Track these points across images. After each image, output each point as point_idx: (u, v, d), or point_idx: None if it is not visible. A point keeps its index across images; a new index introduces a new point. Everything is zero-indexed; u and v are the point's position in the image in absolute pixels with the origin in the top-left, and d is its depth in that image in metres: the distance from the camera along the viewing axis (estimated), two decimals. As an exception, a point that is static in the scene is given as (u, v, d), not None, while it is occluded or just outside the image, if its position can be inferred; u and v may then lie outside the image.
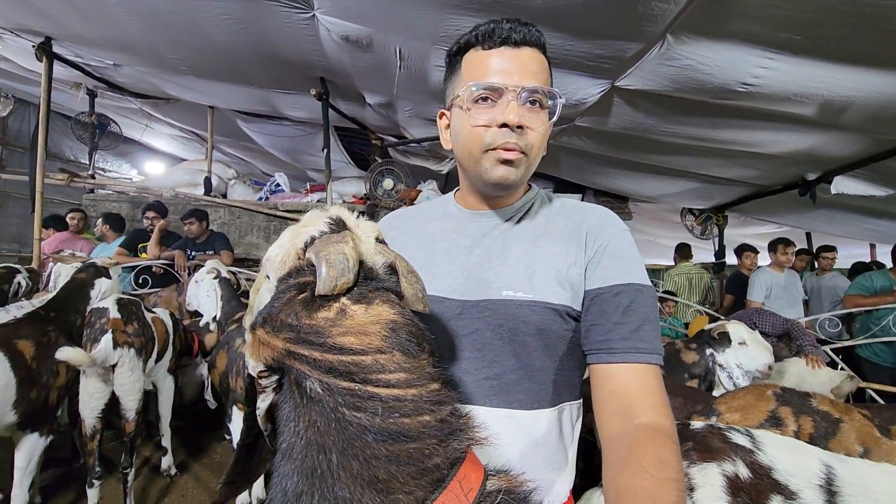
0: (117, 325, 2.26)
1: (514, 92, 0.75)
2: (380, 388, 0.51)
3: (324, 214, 0.64)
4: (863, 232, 5.31)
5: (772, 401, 1.50)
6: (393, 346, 0.54)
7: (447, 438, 0.53)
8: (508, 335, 0.77)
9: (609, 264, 0.78)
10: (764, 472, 1.04)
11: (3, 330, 2.07)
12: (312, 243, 0.59)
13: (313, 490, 0.49)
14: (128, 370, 2.24)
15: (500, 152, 0.77)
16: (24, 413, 2.01)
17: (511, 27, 0.78)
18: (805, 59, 2.23)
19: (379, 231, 0.66)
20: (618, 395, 0.72)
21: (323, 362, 0.51)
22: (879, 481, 1.02)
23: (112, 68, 4.78)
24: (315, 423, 0.51)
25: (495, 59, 0.78)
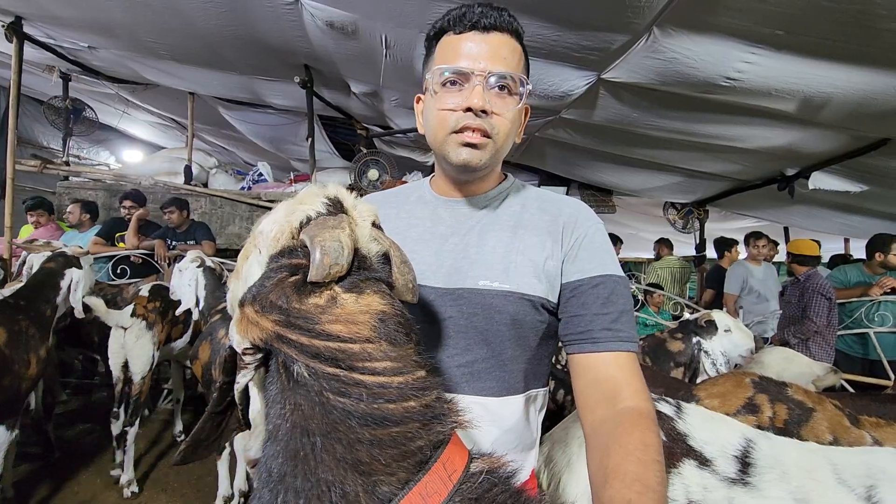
0: (141, 301, 2.84)
1: (480, 76, 0.75)
2: (365, 375, 0.52)
3: (321, 193, 0.63)
4: (838, 227, 5.46)
5: (749, 388, 1.53)
6: (381, 336, 0.54)
7: (431, 422, 0.53)
8: (482, 324, 0.78)
9: (586, 257, 0.80)
10: (679, 438, 1.12)
11: None
12: (308, 224, 0.58)
13: (296, 472, 0.49)
14: (134, 336, 2.70)
15: (464, 135, 0.77)
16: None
17: (482, 11, 0.77)
18: (787, 55, 2.26)
19: (376, 215, 0.65)
20: (601, 383, 0.74)
21: (310, 347, 0.51)
22: (794, 456, 1.09)
23: (87, 51, 4.61)
24: (300, 406, 0.51)
25: (465, 44, 0.78)
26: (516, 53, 0.80)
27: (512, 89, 0.78)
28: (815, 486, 1.05)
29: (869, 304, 3.70)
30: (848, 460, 1.10)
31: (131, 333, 2.71)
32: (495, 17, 0.78)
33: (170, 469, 2.93)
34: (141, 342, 2.72)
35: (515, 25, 0.80)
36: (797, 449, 1.15)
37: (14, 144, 4.05)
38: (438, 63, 0.79)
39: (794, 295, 3.59)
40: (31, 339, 2.14)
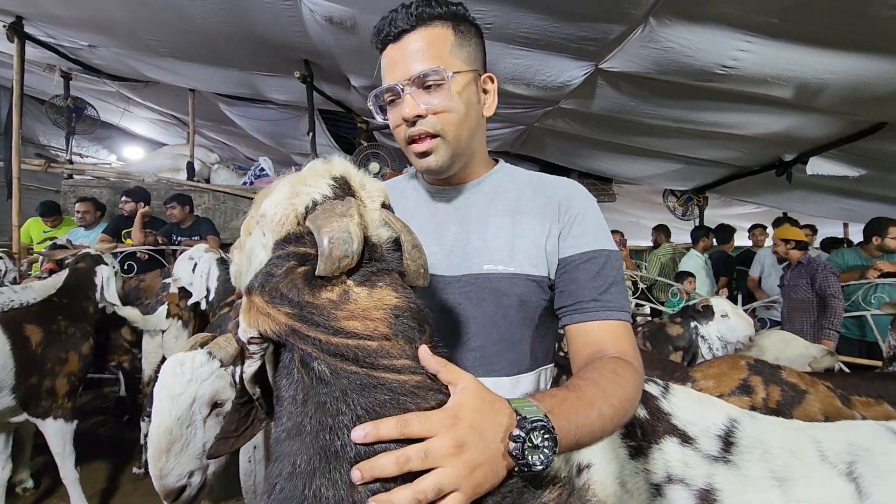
0: (172, 298, 2.75)
1: (404, 86, 0.78)
2: (386, 373, 0.52)
3: (327, 172, 0.61)
4: (836, 211, 5.48)
5: (744, 370, 1.59)
6: (397, 332, 0.54)
7: None
8: (491, 308, 0.81)
9: (579, 233, 0.83)
10: (662, 416, 1.20)
11: (14, 314, 2.15)
12: (314, 209, 0.56)
13: (328, 467, 0.49)
14: (173, 337, 2.71)
15: (414, 146, 0.81)
16: (22, 397, 2.04)
17: (391, 20, 0.78)
18: (782, 43, 2.29)
19: (386, 195, 0.64)
20: (590, 346, 0.79)
21: (328, 345, 0.51)
22: (779, 435, 1.15)
23: (87, 49, 4.64)
24: (324, 404, 0.51)
25: (386, 60, 0.81)
26: (434, 40, 0.78)
27: (438, 81, 0.77)
28: (798, 464, 1.11)
29: (866, 287, 3.74)
30: (832, 437, 1.16)
31: (170, 335, 2.72)
32: (402, 19, 0.77)
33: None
34: (180, 342, 2.72)
35: (424, 13, 0.78)
36: (783, 428, 1.21)
37: (19, 144, 4.10)
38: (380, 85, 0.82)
39: (801, 278, 3.58)
40: (71, 337, 2.28)
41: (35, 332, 2.14)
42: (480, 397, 0.53)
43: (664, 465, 1.22)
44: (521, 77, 3.21)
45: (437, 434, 0.48)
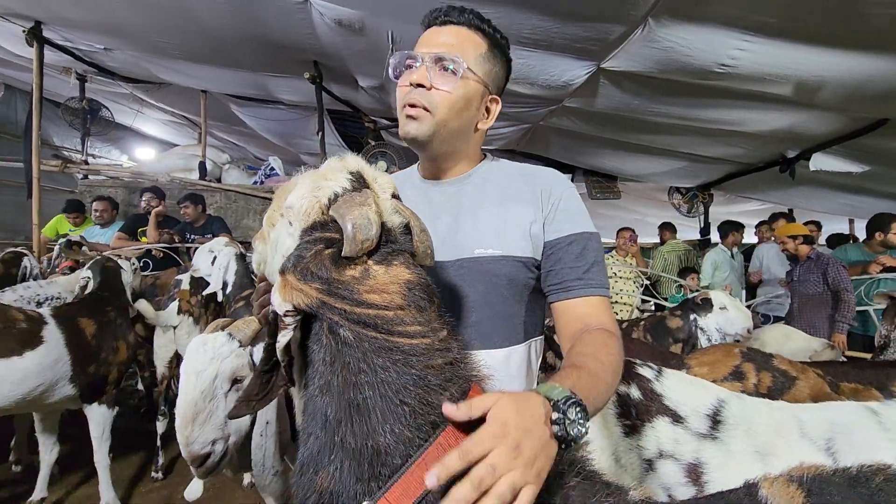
0: (184, 295, 2.80)
1: (424, 57, 0.88)
2: (401, 338, 0.61)
3: (344, 168, 0.69)
4: (842, 207, 5.50)
5: (738, 357, 1.66)
6: (410, 303, 0.63)
7: (456, 377, 0.64)
8: (483, 287, 0.89)
9: (562, 218, 0.92)
10: (655, 397, 1.29)
11: (67, 308, 2.29)
12: (336, 200, 0.64)
13: (350, 417, 0.58)
14: (185, 333, 2.73)
15: (406, 108, 0.88)
16: (83, 386, 2.17)
17: (444, 10, 0.90)
18: (779, 41, 2.35)
19: (394, 186, 0.72)
20: (576, 320, 0.88)
21: (353, 314, 0.59)
22: (764, 414, 1.24)
23: (102, 52, 4.77)
24: (349, 364, 0.59)
25: (423, 37, 0.92)
26: (465, 40, 0.89)
27: (455, 69, 0.87)
28: (780, 440, 1.18)
29: (868, 282, 3.78)
30: (813, 417, 1.24)
31: (181, 330, 2.77)
32: (454, 15, 0.90)
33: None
34: (192, 337, 2.79)
35: (474, 21, 0.91)
36: (768, 408, 1.28)
37: (38, 146, 4.24)
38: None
39: (811, 273, 3.60)
40: (119, 327, 2.44)
41: (89, 324, 2.27)
42: (515, 401, 0.59)
43: (656, 442, 1.30)
44: (525, 77, 3.29)
45: (495, 447, 0.54)
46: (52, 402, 2.11)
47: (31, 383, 1.97)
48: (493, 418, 0.57)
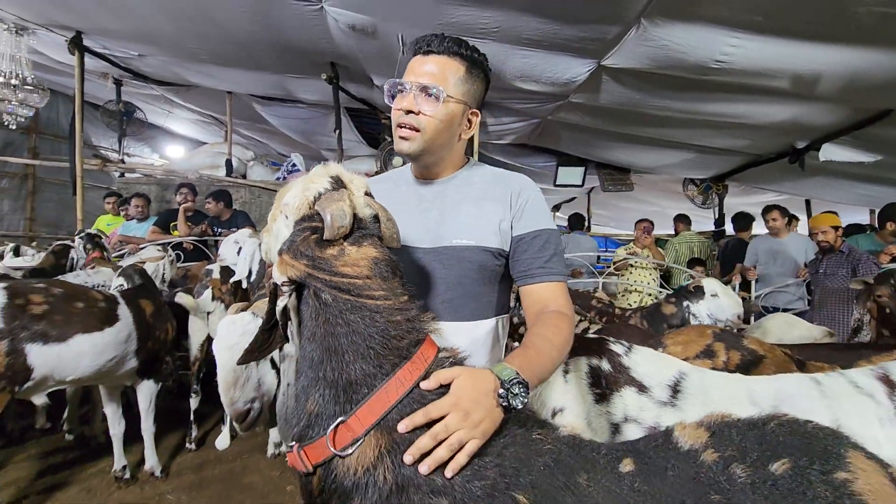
0: (216, 283, 3.06)
1: (410, 86, 1.03)
2: (368, 300, 0.81)
3: (326, 173, 0.87)
4: (859, 198, 5.43)
5: (710, 337, 1.79)
6: (376, 274, 0.82)
7: (412, 330, 0.83)
8: (457, 270, 1.07)
9: (528, 217, 1.11)
10: (623, 370, 1.44)
11: (130, 292, 2.60)
12: (319, 198, 0.83)
13: (330, 358, 0.79)
14: (217, 318, 2.92)
15: (399, 130, 1.06)
16: (142, 360, 2.46)
17: (428, 41, 1.05)
18: (769, 38, 2.43)
19: (367, 186, 0.91)
20: (538, 302, 1.07)
21: (331, 282, 0.79)
22: (718, 385, 1.38)
23: (137, 58, 5.10)
24: (328, 319, 0.79)
25: (411, 64, 1.07)
26: (447, 69, 1.04)
27: (438, 95, 1.02)
28: (731, 407, 1.32)
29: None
30: (763, 387, 1.38)
31: (215, 316, 3.01)
32: (436, 44, 1.05)
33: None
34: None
35: (452, 48, 1.05)
36: (724, 380, 1.43)
37: (81, 147, 4.60)
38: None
39: (841, 267, 3.50)
40: (166, 311, 2.73)
41: (148, 305, 2.57)
42: (471, 378, 0.79)
43: (623, 409, 1.46)
44: (530, 75, 3.42)
45: (450, 412, 0.75)
46: (118, 374, 2.40)
47: (108, 355, 2.25)
48: (452, 390, 0.78)
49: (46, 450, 3.04)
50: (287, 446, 0.83)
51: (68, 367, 2.12)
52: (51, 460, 2.91)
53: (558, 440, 0.87)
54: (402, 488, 0.73)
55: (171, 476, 2.78)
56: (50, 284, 2.23)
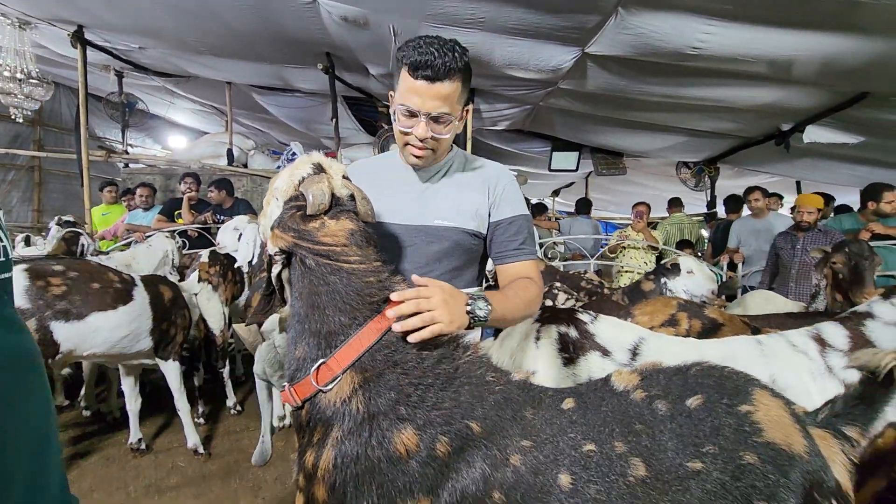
0: (203, 266, 3.27)
1: (425, 116, 1.11)
2: (345, 264, 0.96)
3: (309, 161, 1.03)
4: (849, 178, 5.52)
5: (674, 307, 1.94)
6: (351, 243, 0.97)
7: (383, 289, 0.99)
8: (436, 247, 1.22)
9: (505, 204, 1.26)
10: (588, 336, 1.61)
11: (151, 277, 2.81)
12: (303, 181, 0.98)
13: (314, 313, 0.95)
14: (205, 298, 3.19)
15: (411, 148, 1.18)
16: (156, 340, 2.64)
17: (430, 63, 1.06)
18: (741, 25, 2.54)
19: (345, 170, 1.05)
20: (511, 276, 1.23)
21: (314, 250, 0.96)
22: (673, 348, 1.54)
23: (138, 51, 5.22)
24: (312, 281, 0.97)
25: (416, 90, 1.10)
26: (454, 92, 1.11)
27: (446, 121, 1.14)
28: None
29: (856, 250, 3.90)
30: (712, 348, 1.54)
31: (202, 297, 3.18)
32: (440, 69, 1.07)
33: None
34: (212, 302, 3.24)
35: (456, 65, 1.09)
36: (679, 344, 1.58)
37: (87, 138, 4.74)
38: (399, 98, 1.14)
39: (819, 244, 3.53)
40: (182, 298, 2.91)
41: (167, 291, 2.76)
42: (450, 288, 0.99)
43: (587, 371, 1.62)
44: (518, 62, 3.53)
45: (434, 295, 0.94)
46: (133, 352, 2.58)
47: (121, 332, 2.43)
48: (433, 285, 0.98)
49: (66, 423, 3.25)
50: (280, 387, 0.99)
51: (87, 342, 2.31)
52: (71, 433, 3.12)
53: (510, 383, 1.03)
54: (372, 416, 0.89)
55: (182, 446, 2.99)
56: (67, 266, 2.40)
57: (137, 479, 2.64)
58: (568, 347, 1.66)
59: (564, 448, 0.92)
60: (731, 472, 0.88)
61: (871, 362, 1.04)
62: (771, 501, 0.87)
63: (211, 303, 3.25)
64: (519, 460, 0.91)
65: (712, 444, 0.92)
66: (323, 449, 0.89)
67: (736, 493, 0.87)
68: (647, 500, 0.87)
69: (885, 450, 1.48)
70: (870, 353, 1.06)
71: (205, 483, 2.62)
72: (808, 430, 0.98)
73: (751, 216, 4.57)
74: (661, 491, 0.88)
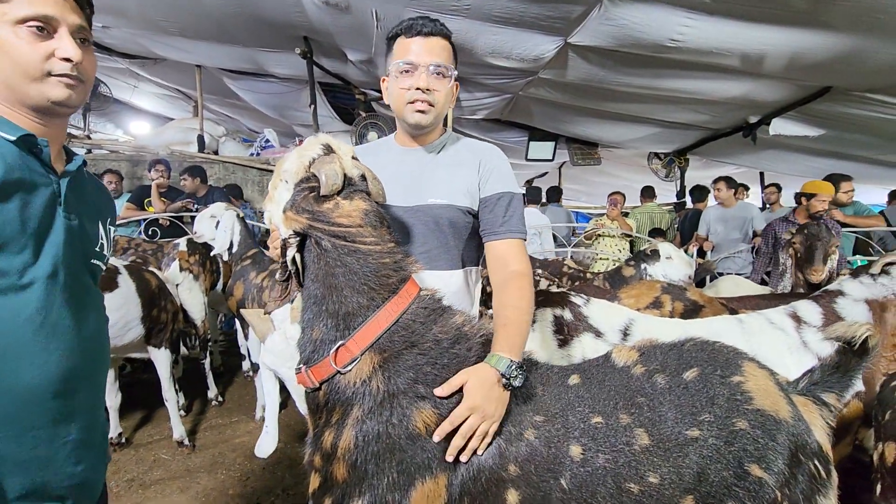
0: (182, 255, 3.15)
1: (424, 66, 1.16)
2: (361, 245, 0.97)
3: (318, 142, 1.02)
4: (808, 170, 5.80)
5: (658, 290, 2.04)
6: (366, 223, 0.97)
7: (398, 270, 1.01)
8: (432, 225, 1.23)
9: (494, 180, 1.27)
10: (582, 318, 1.68)
11: (135, 265, 2.72)
12: (314, 162, 0.98)
13: (331, 294, 0.96)
14: (186, 288, 3.08)
15: (415, 105, 1.18)
16: (148, 327, 2.57)
17: (423, 23, 1.17)
18: (718, 19, 2.63)
19: (353, 151, 1.06)
20: (499, 258, 1.24)
21: (330, 231, 0.96)
22: (660, 328, 1.62)
23: (100, 30, 4.96)
24: (329, 262, 0.97)
25: (413, 45, 1.17)
26: (447, 50, 1.20)
27: (445, 74, 1.18)
28: None
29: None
30: (696, 327, 1.62)
31: (183, 287, 3.08)
32: (432, 27, 1.18)
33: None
34: (193, 292, 3.15)
35: (446, 31, 1.21)
36: (665, 324, 1.66)
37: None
38: (397, 58, 1.19)
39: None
40: (166, 287, 2.84)
41: (153, 277, 2.69)
42: (478, 378, 0.93)
43: (581, 351, 1.68)
44: (500, 51, 3.55)
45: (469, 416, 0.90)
46: (125, 343, 2.50)
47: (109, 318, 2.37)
48: (465, 394, 0.93)
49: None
50: (295, 369, 1.00)
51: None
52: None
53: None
54: (393, 395, 0.91)
55: (164, 439, 2.93)
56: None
57: (118, 474, 2.57)
58: (563, 329, 1.72)
59: (574, 421, 0.97)
60: (725, 438, 0.95)
61: (847, 333, 1.12)
62: (761, 462, 0.95)
63: (192, 293, 3.16)
64: (533, 434, 0.95)
65: (708, 413, 0.98)
66: (343, 429, 0.91)
67: (730, 457, 0.94)
68: (650, 466, 0.93)
69: (850, 418, 1.61)
70: (845, 325, 1.15)
71: (190, 476, 2.57)
72: (791, 398, 1.06)
73: (719, 205, 4.77)
74: (663, 458, 0.94)
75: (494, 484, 0.90)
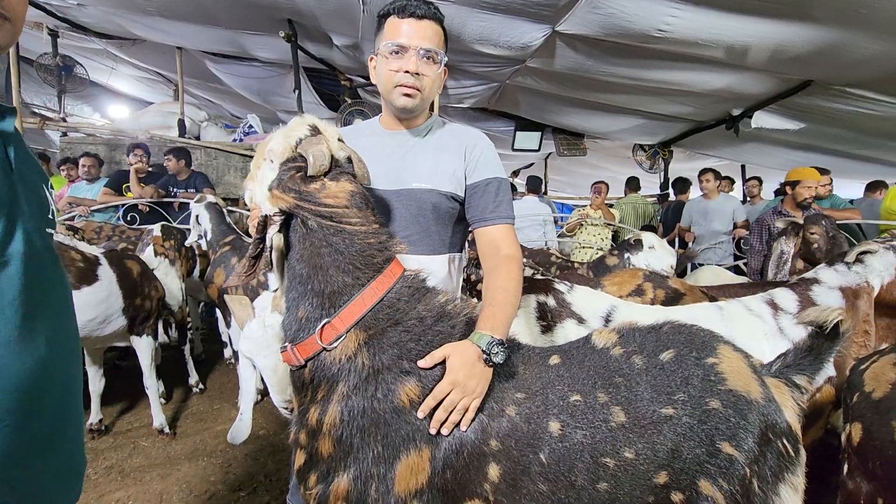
0: (157, 241, 3.16)
1: (415, 50, 1.15)
2: (346, 225, 0.97)
3: (304, 122, 1.02)
4: (787, 163, 5.90)
5: (640, 278, 2.07)
6: (352, 205, 0.98)
7: (383, 250, 1.01)
8: (415, 210, 1.22)
9: (482, 166, 1.27)
10: (565, 305, 1.71)
11: (115, 253, 2.63)
12: (300, 142, 0.98)
13: (316, 273, 0.96)
14: (162, 273, 3.04)
15: (403, 88, 1.17)
16: (131, 318, 2.52)
17: (416, 5, 1.16)
18: (705, 10, 2.65)
19: (339, 133, 1.07)
20: (491, 243, 1.24)
21: (316, 211, 0.96)
22: (642, 314, 1.65)
23: (75, 7, 4.78)
24: (314, 242, 0.97)
25: (404, 27, 1.16)
26: (439, 34, 1.19)
27: (434, 59, 1.18)
28: None
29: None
30: (677, 313, 1.65)
31: (160, 272, 3.04)
32: (426, 9, 1.16)
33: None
34: (169, 277, 3.13)
35: (439, 15, 1.19)
36: (647, 310, 1.69)
37: (20, 103, 4.34)
38: (387, 38, 1.16)
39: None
40: (150, 271, 2.79)
41: (134, 265, 2.62)
42: (459, 354, 0.94)
43: (564, 337, 1.70)
44: (488, 38, 3.52)
45: (451, 390, 0.91)
46: (107, 333, 2.45)
47: (88, 314, 2.28)
48: (447, 370, 0.94)
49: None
50: (281, 348, 0.99)
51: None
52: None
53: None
54: (377, 371, 0.92)
55: (143, 427, 2.89)
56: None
57: (97, 461, 2.54)
58: (546, 315, 1.74)
59: (553, 399, 0.99)
60: (699, 417, 0.98)
61: (820, 317, 1.16)
62: (732, 440, 0.98)
63: (169, 278, 3.13)
64: (514, 410, 0.96)
65: (682, 392, 1.01)
66: (328, 404, 0.91)
67: (702, 435, 0.97)
68: (626, 442, 0.96)
69: (822, 403, 1.67)
70: (818, 310, 1.18)
71: (171, 463, 2.55)
72: (763, 379, 1.09)
73: (702, 197, 4.85)
74: (638, 434, 0.97)
75: (476, 458, 0.92)
